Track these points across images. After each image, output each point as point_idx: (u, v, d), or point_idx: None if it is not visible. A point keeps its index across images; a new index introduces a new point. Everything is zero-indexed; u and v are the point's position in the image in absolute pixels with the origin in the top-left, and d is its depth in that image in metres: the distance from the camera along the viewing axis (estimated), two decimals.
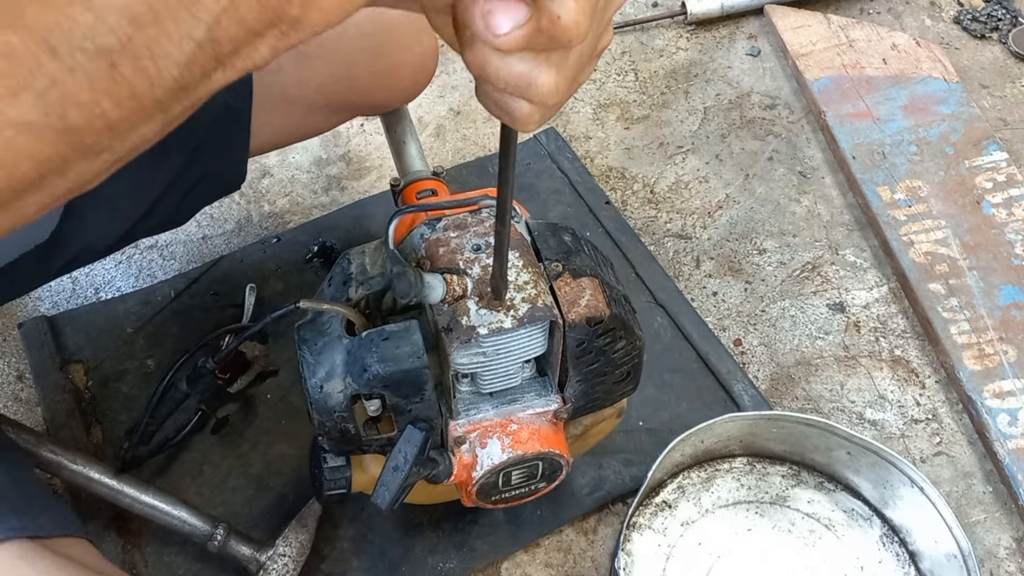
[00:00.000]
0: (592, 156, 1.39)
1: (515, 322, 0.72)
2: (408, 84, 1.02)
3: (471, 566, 1.00)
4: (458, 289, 0.72)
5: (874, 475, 0.99)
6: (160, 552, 1.00)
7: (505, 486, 0.81)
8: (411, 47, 0.98)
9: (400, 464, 0.72)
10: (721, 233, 1.30)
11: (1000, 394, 1.09)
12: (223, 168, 0.93)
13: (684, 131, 1.43)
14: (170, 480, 1.05)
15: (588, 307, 0.74)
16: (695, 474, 1.04)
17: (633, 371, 0.82)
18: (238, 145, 0.91)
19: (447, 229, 0.79)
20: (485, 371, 0.76)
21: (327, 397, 0.73)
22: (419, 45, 0.99)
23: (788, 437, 1.02)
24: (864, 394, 1.14)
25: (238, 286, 1.20)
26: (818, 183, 1.36)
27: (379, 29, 0.95)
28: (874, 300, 1.23)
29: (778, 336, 1.19)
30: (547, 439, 0.79)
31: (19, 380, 1.16)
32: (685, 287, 1.23)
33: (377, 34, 0.95)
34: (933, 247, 1.22)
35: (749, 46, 1.54)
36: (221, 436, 1.08)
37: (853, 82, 1.41)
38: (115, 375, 1.13)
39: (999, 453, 1.05)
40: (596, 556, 1.02)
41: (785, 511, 1.02)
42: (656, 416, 1.09)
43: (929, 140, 1.34)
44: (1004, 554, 1.02)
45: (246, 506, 1.03)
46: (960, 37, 1.53)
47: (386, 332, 0.73)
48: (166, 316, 1.18)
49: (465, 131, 1.43)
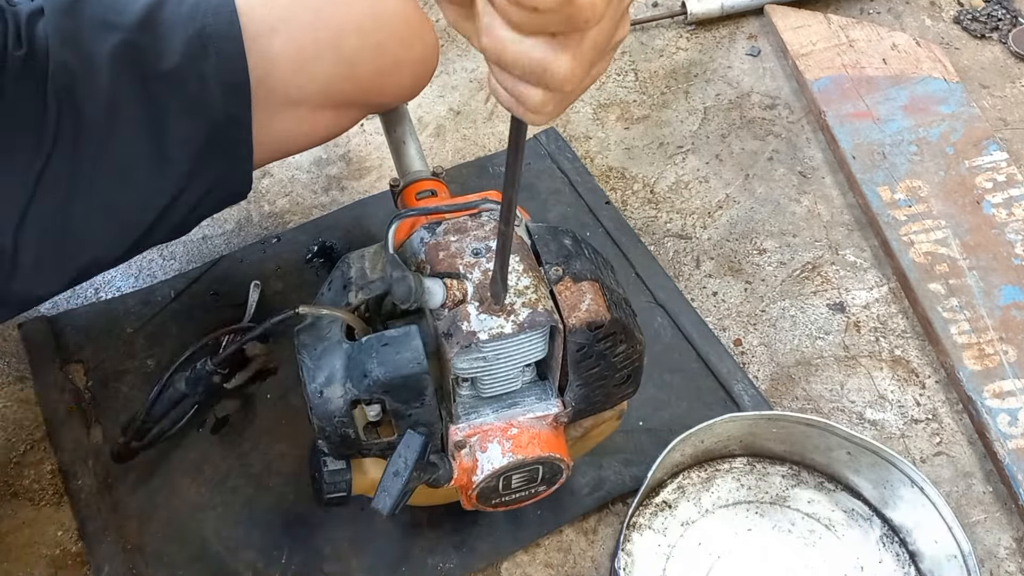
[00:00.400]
0: (592, 156, 1.39)
1: (515, 327, 0.72)
2: (410, 81, 1.02)
3: (471, 566, 1.00)
4: (458, 294, 0.72)
5: (874, 475, 0.99)
6: (160, 552, 1.00)
7: (505, 490, 0.81)
8: (412, 44, 0.98)
9: (400, 469, 0.72)
10: (721, 233, 1.30)
11: (1000, 394, 1.09)
12: (228, 176, 0.93)
13: (684, 131, 1.43)
14: (170, 479, 1.05)
15: (589, 312, 0.74)
16: (695, 474, 1.04)
17: (633, 374, 0.82)
18: (241, 153, 0.91)
19: (447, 233, 0.79)
20: (485, 376, 0.76)
21: (327, 402, 0.73)
22: (420, 41, 0.99)
23: (788, 437, 1.02)
24: (864, 394, 1.14)
25: (238, 286, 1.20)
26: (818, 183, 1.36)
27: (379, 27, 0.95)
28: (874, 300, 1.23)
29: (778, 336, 1.19)
30: (547, 443, 0.79)
31: (19, 380, 1.16)
32: (685, 287, 1.23)
33: (377, 32, 0.95)
34: (933, 247, 1.22)
35: (749, 46, 1.54)
36: (221, 436, 1.08)
37: (853, 82, 1.41)
38: (115, 375, 1.13)
39: (999, 453, 1.05)
40: (596, 556, 1.02)
41: (785, 511, 1.02)
42: (656, 416, 1.09)
43: (929, 140, 1.34)
44: (1004, 554, 1.02)
45: (246, 506, 1.03)
46: (960, 37, 1.53)
47: (386, 337, 0.73)
48: (166, 316, 1.18)
49: (465, 131, 1.43)
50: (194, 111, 0.86)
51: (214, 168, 0.90)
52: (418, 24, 0.98)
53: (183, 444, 1.07)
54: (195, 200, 0.91)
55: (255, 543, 1.01)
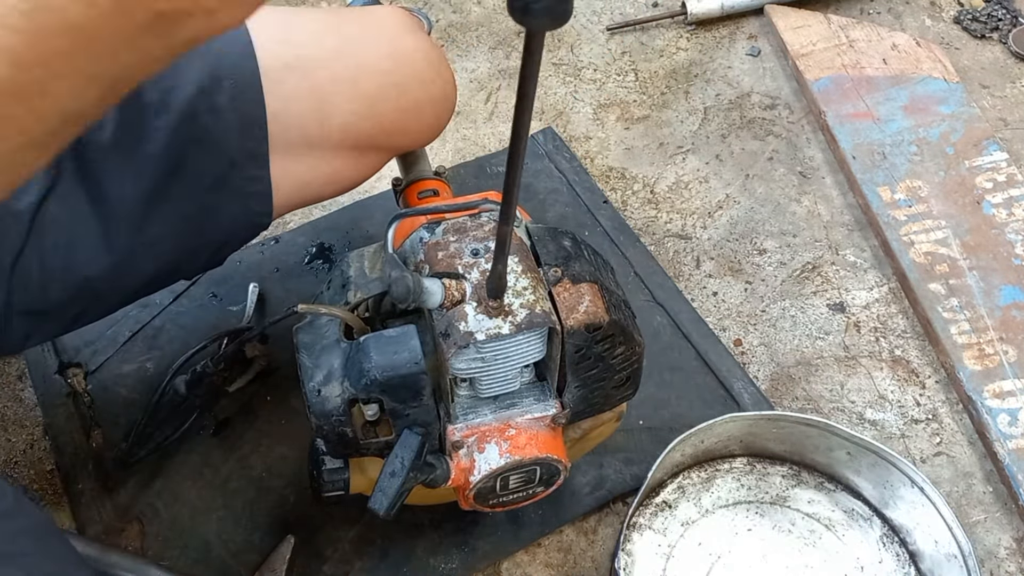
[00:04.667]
0: (592, 156, 1.39)
1: (513, 328, 0.72)
2: (433, 120, 0.99)
3: (473, 566, 1.00)
4: (456, 294, 0.72)
5: (874, 475, 0.99)
6: (162, 556, 1.00)
7: (503, 490, 0.81)
8: (433, 81, 0.95)
9: (397, 469, 0.72)
10: (721, 233, 1.30)
11: (1000, 394, 1.09)
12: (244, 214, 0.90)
13: (684, 131, 1.43)
14: (171, 482, 1.05)
15: (587, 313, 0.74)
16: (695, 474, 1.04)
17: (632, 376, 0.82)
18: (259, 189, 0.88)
19: (446, 233, 0.79)
20: (483, 376, 0.76)
21: (325, 401, 0.73)
22: (440, 79, 0.97)
23: (788, 437, 1.02)
24: (864, 394, 1.14)
25: (237, 288, 1.20)
26: (818, 183, 1.35)
27: (399, 66, 0.92)
28: (874, 300, 1.22)
29: (778, 336, 1.19)
30: (545, 444, 0.79)
31: (19, 380, 1.16)
32: (685, 287, 1.23)
33: (397, 71, 0.92)
34: (933, 247, 1.22)
35: (749, 46, 1.54)
36: (221, 438, 1.08)
37: (853, 82, 1.41)
38: (114, 378, 1.13)
39: (999, 453, 1.05)
40: (596, 556, 1.02)
41: (785, 511, 1.02)
42: (656, 415, 1.09)
43: (929, 140, 1.33)
44: (1004, 554, 1.02)
45: (247, 508, 1.03)
46: (960, 37, 1.53)
47: (384, 337, 0.73)
48: (165, 319, 1.18)
49: (465, 131, 1.43)
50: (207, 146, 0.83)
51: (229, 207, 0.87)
52: (437, 62, 0.96)
53: (184, 447, 1.07)
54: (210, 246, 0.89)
55: (257, 545, 1.01)
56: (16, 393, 1.15)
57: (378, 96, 0.91)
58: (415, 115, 0.96)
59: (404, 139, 1.01)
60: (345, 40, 0.90)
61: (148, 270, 0.87)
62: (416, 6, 1.58)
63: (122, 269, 0.84)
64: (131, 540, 1.01)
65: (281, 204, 0.91)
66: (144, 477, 1.05)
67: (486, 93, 1.49)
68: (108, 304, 0.90)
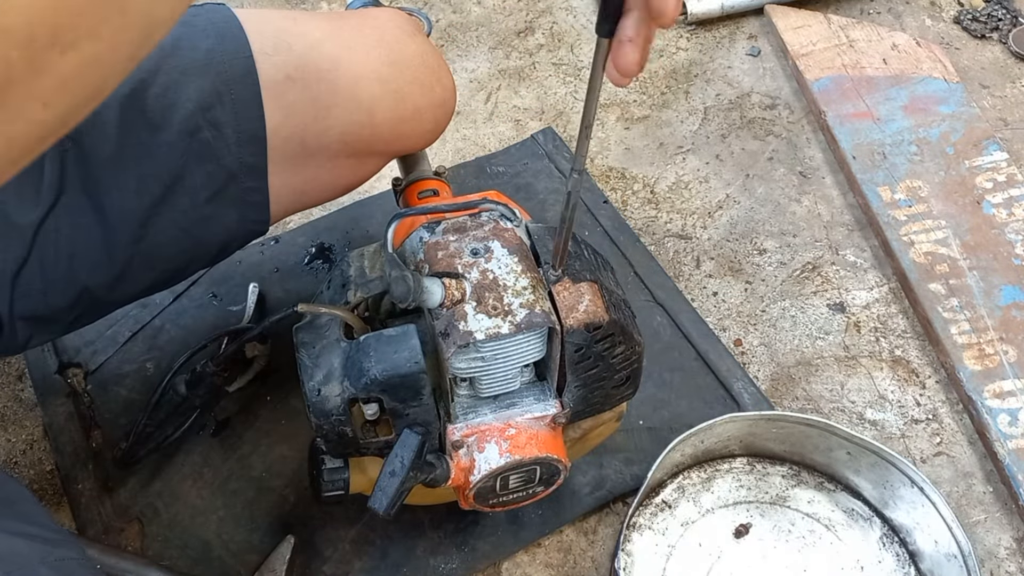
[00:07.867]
0: (592, 156, 1.39)
1: (512, 328, 0.72)
2: (432, 126, 0.99)
3: (473, 566, 1.00)
4: (456, 293, 0.72)
5: (874, 475, 0.99)
6: (162, 556, 1.00)
7: (503, 490, 0.81)
8: (432, 87, 0.95)
9: (396, 469, 0.72)
10: (721, 233, 1.30)
11: (1000, 394, 1.09)
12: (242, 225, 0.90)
13: (684, 131, 1.43)
14: (171, 483, 1.05)
15: (587, 313, 0.74)
16: (695, 474, 1.04)
17: (632, 376, 0.82)
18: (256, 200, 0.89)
19: (446, 233, 0.79)
20: (483, 376, 0.76)
21: (325, 400, 0.73)
22: (439, 85, 0.96)
23: (788, 437, 1.02)
24: (864, 394, 1.14)
25: (237, 288, 1.20)
26: (818, 183, 1.35)
27: (398, 73, 0.92)
28: (874, 300, 1.22)
29: (778, 336, 1.19)
30: (545, 444, 0.79)
31: (19, 380, 1.16)
32: (685, 287, 1.23)
33: (397, 79, 0.92)
34: (933, 247, 1.22)
35: (749, 46, 1.54)
36: (222, 438, 1.08)
37: (853, 82, 1.41)
38: (114, 378, 1.13)
39: (999, 453, 1.05)
40: (596, 556, 1.02)
41: (785, 511, 1.02)
42: (656, 415, 1.09)
43: (929, 140, 1.33)
44: (1004, 554, 1.02)
45: (247, 508, 1.03)
46: (960, 37, 1.53)
47: (384, 336, 0.73)
48: (165, 319, 1.18)
49: (465, 131, 1.43)
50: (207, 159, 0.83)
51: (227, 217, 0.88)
52: (436, 67, 0.96)
53: (184, 447, 1.07)
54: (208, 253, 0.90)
55: (257, 545, 1.00)
56: (16, 393, 1.15)
57: (377, 104, 0.91)
58: (414, 121, 0.96)
59: (403, 144, 1.01)
60: (344, 48, 0.90)
61: (147, 277, 0.88)
62: (416, 7, 1.58)
63: (122, 277, 0.85)
64: (131, 540, 1.01)
65: (279, 211, 0.92)
66: (144, 477, 1.05)
67: (486, 93, 1.49)
68: (108, 308, 0.91)
